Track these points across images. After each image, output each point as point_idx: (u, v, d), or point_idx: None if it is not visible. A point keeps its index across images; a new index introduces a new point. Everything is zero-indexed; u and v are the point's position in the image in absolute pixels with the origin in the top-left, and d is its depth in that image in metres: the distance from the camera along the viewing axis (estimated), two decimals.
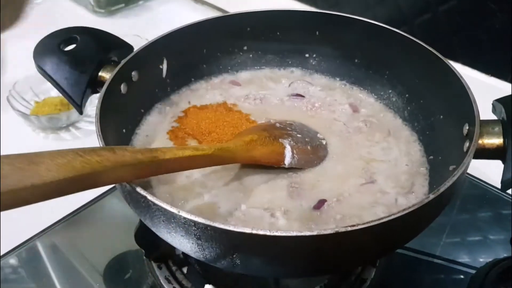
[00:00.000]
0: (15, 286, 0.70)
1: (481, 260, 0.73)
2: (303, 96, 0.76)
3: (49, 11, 1.40)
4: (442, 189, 0.45)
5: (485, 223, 0.79)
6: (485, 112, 0.55)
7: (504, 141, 0.51)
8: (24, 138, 0.96)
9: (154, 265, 0.69)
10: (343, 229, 0.40)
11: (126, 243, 0.73)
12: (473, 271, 0.71)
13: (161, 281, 0.67)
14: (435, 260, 0.73)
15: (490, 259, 0.71)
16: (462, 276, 0.71)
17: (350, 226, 0.41)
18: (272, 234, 0.40)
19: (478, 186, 0.84)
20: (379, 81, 0.75)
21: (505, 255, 0.73)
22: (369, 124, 0.70)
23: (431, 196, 0.44)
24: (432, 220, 0.50)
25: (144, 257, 0.70)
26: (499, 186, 0.50)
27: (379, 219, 0.41)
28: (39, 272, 0.71)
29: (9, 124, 0.96)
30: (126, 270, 0.71)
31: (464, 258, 0.73)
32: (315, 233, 0.40)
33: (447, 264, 0.73)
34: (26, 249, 0.74)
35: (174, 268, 0.68)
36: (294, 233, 0.40)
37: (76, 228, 0.77)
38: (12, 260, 0.73)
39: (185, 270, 0.68)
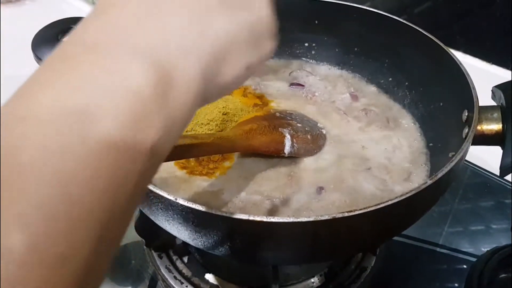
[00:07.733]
0: None
1: (483, 249, 0.73)
2: (302, 85, 0.76)
3: (47, 3, 1.40)
4: (440, 174, 0.44)
5: (487, 212, 0.79)
6: (486, 100, 0.55)
7: (503, 127, 0.51)
8: None
9: (155, 254, 0.69)
10: (340, 215, 0.40)
11: (127, 234, 0.72)
12: (475, 260, 0.71)
13: (162, 270, 0.67)
14: (437, 249, 0.73)
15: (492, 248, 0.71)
16: (464, 265, 0.71)
17: (348, 212, 0.40)
18: (269, 220, 0.40)
19: (480, 175, 0.84)
20: (379, 69, 0.74)
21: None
22: (368, 112, 0.70)
23: (429, 182, 0.43)
24: (430, 207, 0.50)
25: (145, 247, 0.70)
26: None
27: (376, 205, 0.41)
28: None
29: None
30: (127, 260, 0.72)
31: (466, 247, 0.73)
32: (312, 219, 0.40)
33: (449, 253, 0.73)
34: None
35: (174, 257, 0.69)
36: (292, 219, 0.40)
37: None
38: None
39: (185, 259, 0.68)
